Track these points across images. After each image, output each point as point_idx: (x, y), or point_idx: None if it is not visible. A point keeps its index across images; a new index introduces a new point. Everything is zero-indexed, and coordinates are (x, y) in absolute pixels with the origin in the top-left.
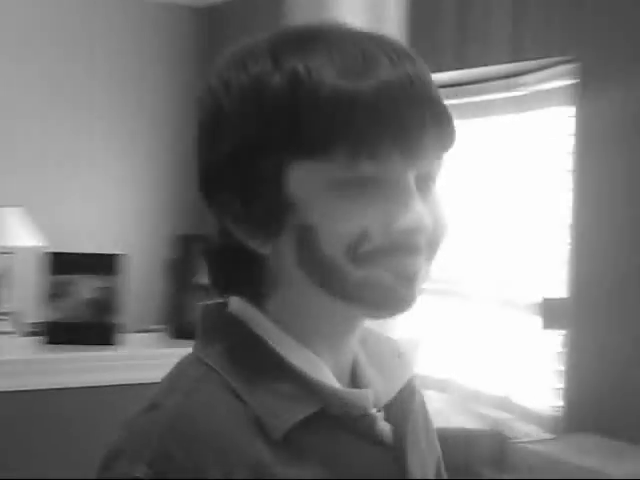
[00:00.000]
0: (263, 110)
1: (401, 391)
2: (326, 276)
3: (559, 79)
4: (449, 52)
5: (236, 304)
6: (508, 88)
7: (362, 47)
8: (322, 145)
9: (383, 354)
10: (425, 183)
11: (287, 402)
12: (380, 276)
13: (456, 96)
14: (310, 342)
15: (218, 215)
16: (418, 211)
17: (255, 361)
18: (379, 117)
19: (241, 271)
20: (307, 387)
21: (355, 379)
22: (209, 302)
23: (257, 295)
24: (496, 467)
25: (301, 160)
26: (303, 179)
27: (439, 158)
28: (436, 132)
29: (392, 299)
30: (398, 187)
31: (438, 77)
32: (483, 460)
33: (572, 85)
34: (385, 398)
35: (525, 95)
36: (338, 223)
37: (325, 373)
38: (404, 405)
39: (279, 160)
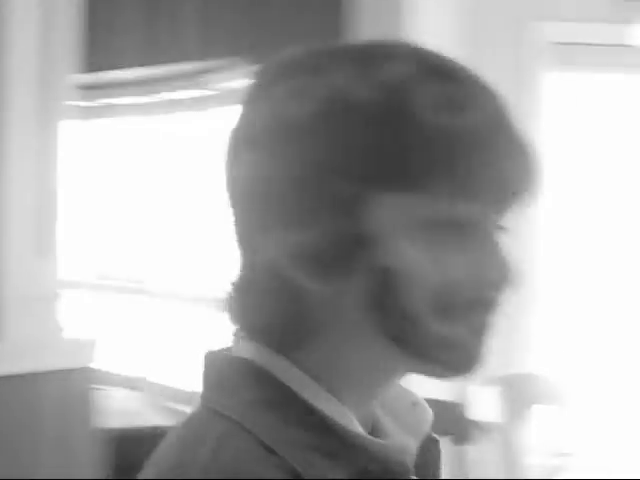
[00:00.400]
0: (347, 128)
1: (422, 443)
2: (403, 329)
3: (244, 78)
4: (133, 48)
5: (255, 351)
6: (193, 86)
7: (466, 74)
8: (421, 178)
9: (397, 402)
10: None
11: (329, 460)
12: (463, 335)
13: (144, 93)
14: (342, 396)
15: (262, 247)
16: (507, 264)
17: (289, 415)
18: (493, 155)
19: (278, 314)
20: (348, 444)
21: (374, 431)
22: (215, 350)
23: (287, 343)
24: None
25: (389, 192)
26: (388, 214)
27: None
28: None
29: (470, 361)
30: (492, 235)
31: (123, 74)
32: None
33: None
34: (408, 451)
35: (211, 94)
36: (426, 270)
37: (361, 429)
38: (428, 458)
39: (360, 189)
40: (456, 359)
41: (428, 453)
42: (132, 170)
